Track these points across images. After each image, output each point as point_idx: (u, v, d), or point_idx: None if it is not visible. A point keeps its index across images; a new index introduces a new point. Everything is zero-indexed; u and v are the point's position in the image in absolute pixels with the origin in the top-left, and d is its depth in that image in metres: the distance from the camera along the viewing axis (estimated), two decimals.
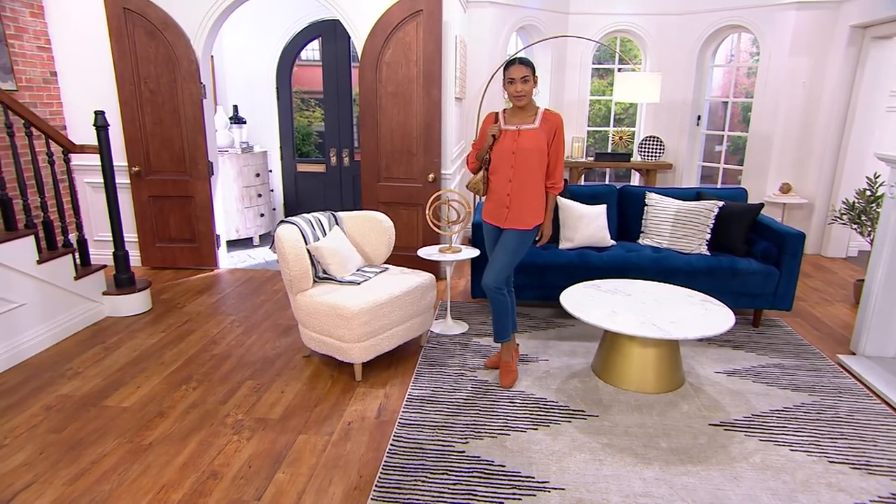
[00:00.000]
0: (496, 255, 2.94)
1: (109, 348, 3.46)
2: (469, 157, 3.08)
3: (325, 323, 3.01)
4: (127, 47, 4.51)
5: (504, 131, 2.89)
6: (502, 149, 2.87)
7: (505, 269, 2.91)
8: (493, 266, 2.92)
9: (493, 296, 2.93)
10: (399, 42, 4.28)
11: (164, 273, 4.91)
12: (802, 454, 2.46)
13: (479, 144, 2.99)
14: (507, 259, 2.91)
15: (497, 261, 2.92)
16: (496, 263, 2.92)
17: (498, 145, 2.89)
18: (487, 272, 2.92)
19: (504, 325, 3.02)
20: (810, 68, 5.47)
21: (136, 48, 4.52)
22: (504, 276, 2.91)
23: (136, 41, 4.51)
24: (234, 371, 3.19)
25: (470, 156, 3.07)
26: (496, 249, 2.97)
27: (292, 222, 3.21)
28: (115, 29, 4.46)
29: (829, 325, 3.94)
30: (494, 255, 2.95)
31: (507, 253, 2.91)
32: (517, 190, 2.89)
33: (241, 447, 2.49)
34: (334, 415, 2.75)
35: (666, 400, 2.89)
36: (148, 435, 2.57)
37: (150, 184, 4.80)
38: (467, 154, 3.13)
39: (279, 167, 6.49)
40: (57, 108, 4.73)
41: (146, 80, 4.59)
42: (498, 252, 2.94)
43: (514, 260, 2.93)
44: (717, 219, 3.88)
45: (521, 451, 2.45)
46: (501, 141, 2.88)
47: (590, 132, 7.16)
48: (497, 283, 2.89)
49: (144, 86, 4.60)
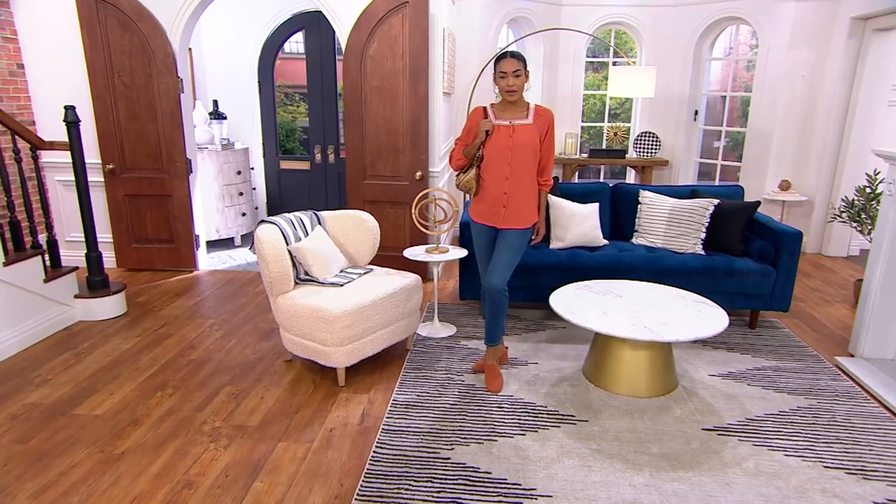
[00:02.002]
0: (499, 256, 2.93)
1: (81, 354, 3.44)
2: (454, 153, 3.05)
3: (306, 326, 3.02)
4: (99, 39, 4.49)
5: (497, 126, 2.89)
6: (497, 145, 2.87)
7: (509, 269, 2.94)
8: (498, 267, 2.92)
9: (497, 297, 2.93)
10: (384, 35, 4.29)
11: (141, 275, 4.90)
12: (797, 459, 2.49)
13: (466, 140, 2.99)
14: (511, 259, 2.93)
15: (501, 262, 2.92)
16: (500, 265, 2.92)
17: (492, 141, 2.89)
18: (493, 274, 2.91)
19: (500, 327, 3.05)
20: (810, 61, 5.53)
21: (109, 39, 4.50)
22: (508, 277, 2.93)
23: (109, 32, 4.49)
24: (212, 377, 3.18)
25: (455, 152, 3.05)
26: (499, 250, 2.96)
27: (273, 222, 3.22)
28: (86, 19, 4.44)
29: (828, 327, 3.98)
30: (498, 256, 2.94)
31: (511, 252, 2.93)
32: (514, 187, 2.90)
33: (218, 456, 2.49)
34: (315, 421, 2.76)
35: (658, 404, 2.92)
36: (120, 444, 2.56)
37: (125, 182, 4.78)
38: (450, 151, 3.10)
39: (261, 164, 6.48)
40: (24, 103, 4.71)
41: (120, 73, 4.57)
42: (501, 252, 2.94)
43: (517, 259, 2.97)
44: (713, 217, 3.92)
45: (508, 458, 2.46)
46: (495, 137, 2.88)
47: (584, 128, 7.20)
48: (503, 284, 2.91)
49: (118, 79, 4.58)
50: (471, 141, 2.94)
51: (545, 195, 3.05)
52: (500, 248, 2.96)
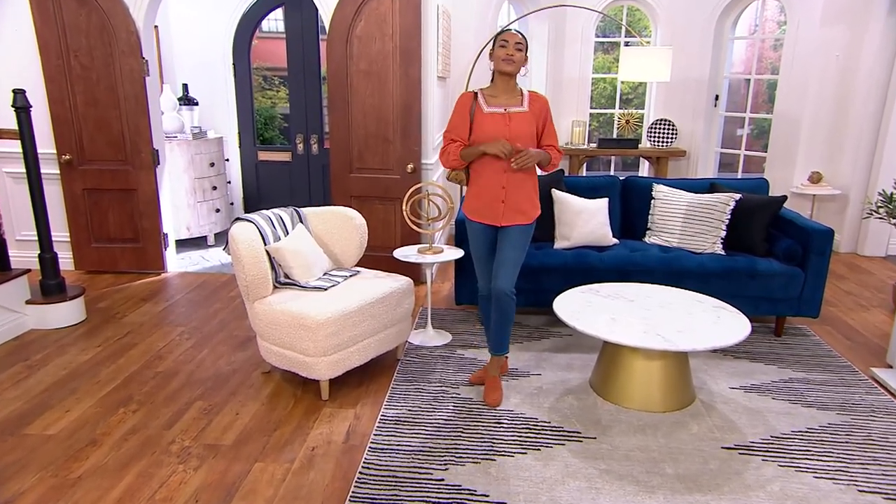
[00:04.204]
0: (504, 256, 2.95)
1: (33, 366, 3.44)
2: (448, 152, 2.98)
3: (286, 334, 3.02)
4: (52, 14, 4.48)
5: (490, 114, 2.90)
6: (493, 134, 2.88)
7: (516, 269, 2.96)
8: (504, 268, 2.93)
9: (506, 302, 2.94)
10: (372, 13, 4.30)
11: (102, 278, 4.90)
12: (828, 482, 2.51)
13: (456, 133, 2.96)
14: (517, 257, 2.96)
15: (507, 262, 2.94)
16: (507, 265, 2.93)
17: (487, 132, 2.89)
18: (499, 277, 2.92)
19: (509, 334, 3.07)
20: (845, 39, 5.54)
21: (64, 15, 4.50)
22: (515, 279, 2.96)
23: (63, 7, 4.48)
24: (181, 390, 3.19)
25: (450, 152, 2.98)
26: (502, 250, 2.97)
27: (249, 219, 3.23)
28: None
29: (864, 334, 4.01)
30: (502, 256, 2.95)
31: (517, 251, 2.95)
32: (514, 180, 2.92)
33: (188, 478, 2.49)
34: (296, 439, 2.76)
35: (673, 419, 2.93)
36: (77, 467, 2.56)
37: (84, 174, 4.78)
38: (441, 147, 3.04)
39: (237, 155, 6.49)
40: None
41: (76, 53, 4.57)
42: (506, 252, 2.95)
43: (523, 258, 3.00)
44: (734, 213, 3.94)
45: (508, 479, 2.47)
46: (490, 126, 2.89)
47: (592, 115, 7.22)
48: (511, 287, 2.93)
49: (75, 60, 4.58)
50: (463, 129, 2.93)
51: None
52: (503, 248, 2.97)
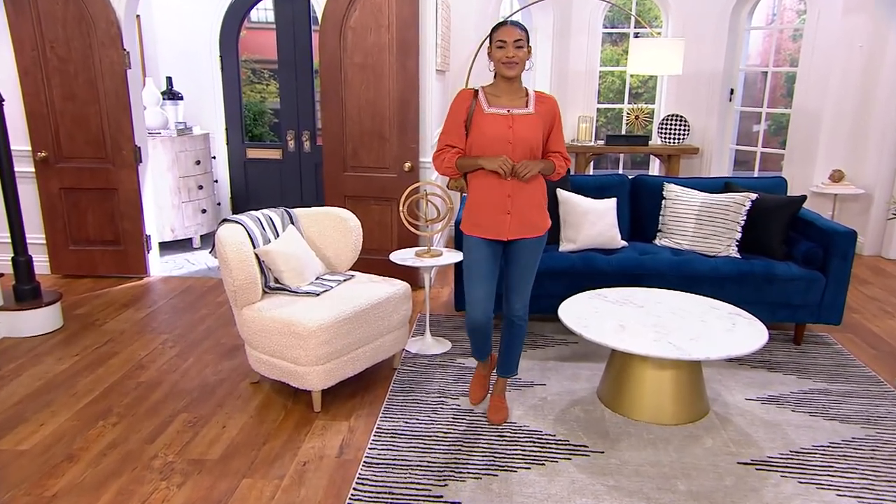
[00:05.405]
0: (518, 277, 2.89)
1: (5, 377, 3.43)
2: (443, 157, 2.86)
3: (276, 342, 3.02)
4: (26, 2, 4.49)
5: (492, 115, 2.76)
6: (495, 138, 2.74)
7: (530, 290, 2.94)
8: (517, 293, 2.90)
9: (520, 326, 2.95)
10: (368, 2, 4.31)
11: (80, 282, 4.90)
12: (852, 500, 2.50)
13: (453, 134, 2.83)
14: (531, 277, 2.92)
15: (522, 283, 2.90)
16: (521, 287, 2.90)
17: (487, 134, 2.75)
18: (514, 300, 2.91)
19: (519, 356, 3.08)
20: (869, 30, 5.55)
21: (39, 3, 4.51)
22: (529, 300, 2.95)
23: None
24: (164, 402, 3.19)
25: (445, 158, 2.86)
26: (513, 272, 2.90)
27: (237, 221, 3.23)
28: None
29: (889, 343, 4.00)
30: (515, 278, 2.90)
31: (531, 270, 2.91)
32: (520, 188, 2.78)
33: (171, 496, 2.49)
34: (287, 454, 2.76)
35: (685, 433, 2.93)
36: (52, 484, 2.56)
37: (61, 173, 4.78)
38: (435, 151, 2.91)
39: (225, 153, 6.51)
40: None
41: (53, 44, 4.58)
42: (520, 273, 2.89)
43: (534, 276, 2.96)
44: (750, 214, 3.94)
45: (510, 496, 2.47)
46: (492, 128, 2.74)
47: (600, 110, 7.23)
48: (526, 310, 2.93)
49: (51, 51, 4.59)
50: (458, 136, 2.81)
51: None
52: (514, 270, 2.90)
